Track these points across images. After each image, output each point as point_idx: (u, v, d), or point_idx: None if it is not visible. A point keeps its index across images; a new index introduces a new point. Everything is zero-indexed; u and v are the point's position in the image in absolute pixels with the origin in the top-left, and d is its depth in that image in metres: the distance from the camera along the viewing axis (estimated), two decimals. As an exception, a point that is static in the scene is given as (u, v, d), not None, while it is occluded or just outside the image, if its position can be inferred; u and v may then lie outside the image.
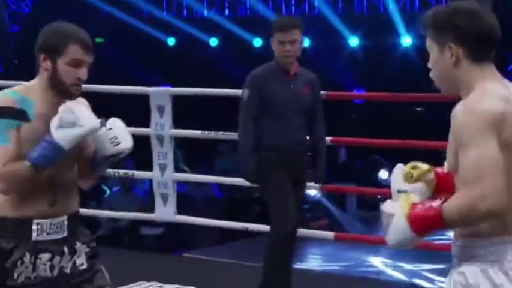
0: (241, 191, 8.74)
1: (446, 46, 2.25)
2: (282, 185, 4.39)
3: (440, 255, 7.46)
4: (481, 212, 2.08)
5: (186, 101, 6.16)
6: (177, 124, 5.64)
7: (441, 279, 7.38)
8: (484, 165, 2.10)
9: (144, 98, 5.67)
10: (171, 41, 17.43)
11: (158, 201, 5.58)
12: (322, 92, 4.79)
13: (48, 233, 2.66)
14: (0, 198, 2.64)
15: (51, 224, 2.67)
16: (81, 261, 2.74)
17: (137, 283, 4.85)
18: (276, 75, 4.46)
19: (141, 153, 5.33)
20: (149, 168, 5.79)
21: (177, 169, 6.07)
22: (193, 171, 8.14)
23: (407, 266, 7.15)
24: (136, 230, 8.15)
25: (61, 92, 2.63)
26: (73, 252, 2.72)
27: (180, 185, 7.08)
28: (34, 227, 2.64)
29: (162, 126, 5.50)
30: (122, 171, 6.07)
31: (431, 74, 2.34)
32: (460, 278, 2.22)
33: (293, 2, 16.74)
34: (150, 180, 5.90)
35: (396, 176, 2.42)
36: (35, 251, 2.65)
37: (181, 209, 5.73)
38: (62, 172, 2.68)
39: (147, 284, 4.85)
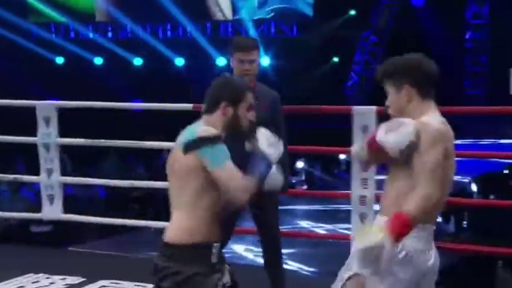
0: (121, 191, 8.61)
1: (402, 88, 2.69)
2: None
3: (292, 241, 7.67)
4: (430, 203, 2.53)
5: (75, 112, 5.99)
6: (66, 133, 5.49)
7: (293, 263, 7.56)
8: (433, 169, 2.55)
9: (33, 111, 5.50)
10: (60, 60, 17.09)
11: (45, 201, 5.42)
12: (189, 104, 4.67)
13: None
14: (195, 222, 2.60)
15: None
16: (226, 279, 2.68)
17: (26, 275, 4.65)
18: None
19: (31, 159, 5.36)
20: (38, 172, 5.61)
21: (65, 173, 5.88)
22: (82, 175, 7.94)
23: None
24: (26, 228, 7.88)
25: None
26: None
27: (69, 187, 6.86)
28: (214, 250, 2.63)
29: (48, 135, 5.34)
30: (11, 176, 5.92)
31: (390, 109, 2.75)
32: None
33: (169, 27, 16.66)
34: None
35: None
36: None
37: (68, 209, 5.56)
38: None
39: (35, 275, 4.66)
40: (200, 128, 2.64)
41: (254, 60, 4.14)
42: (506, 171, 8.93)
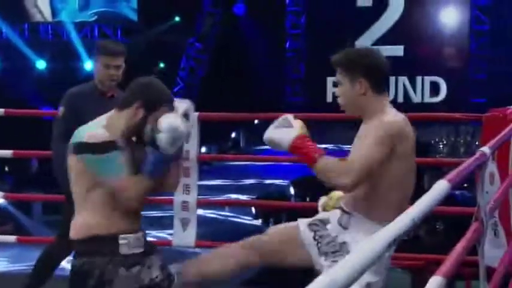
0: None
1: (356, 81, 2.61)
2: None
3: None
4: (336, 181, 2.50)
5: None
6: None
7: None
8: (364, 158, 2.48)
9: None
10: None
11: None
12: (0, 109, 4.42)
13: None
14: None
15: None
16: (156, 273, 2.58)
17: None
18: (92, 95, 4.03)
19: None
20: None
21: None
22: None
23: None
24: None
25: None
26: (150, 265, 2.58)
27: None
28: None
29: None
30: None
31: (340, 100, 2.68)
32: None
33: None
34: None
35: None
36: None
37: None
38: None
39: None
40: (89, 132, 2.53)
41: (120, 65, 4.02)
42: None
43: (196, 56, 17.38)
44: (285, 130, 2.57)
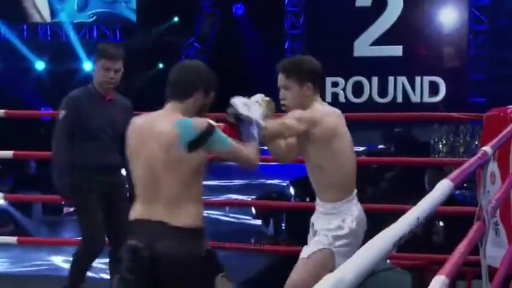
0: None
1: (304, 85, 3.18)
2: (89, 206, 4.06)
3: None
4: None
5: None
6: None
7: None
8: (284, 127, 3.08)
9: None
10: None
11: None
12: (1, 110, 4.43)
13: None
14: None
15: None
16: None
17: None
18: (92, 98, 4.06)
19: None
20: None
21: None
22: None
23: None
24: None
25: None
26: None
27: None
28: None
29: None
30: None
31: (287, 102, 3.22)
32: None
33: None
34: None
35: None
36: None
37: None
38: None
39: None
40: (191, 122, 2.73)
41: (120, 69, 4.07)
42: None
43: (195, 57, 17.36)
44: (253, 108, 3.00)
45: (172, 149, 2.69)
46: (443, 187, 1.69)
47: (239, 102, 2.89)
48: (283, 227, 7.93)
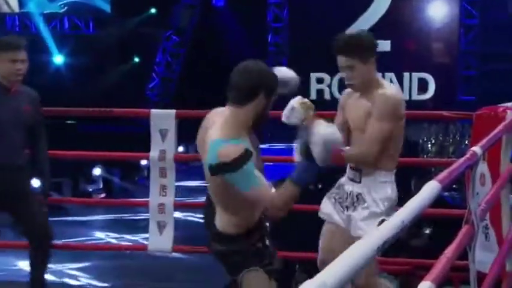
0: None
1: (368, 61, 3.26)
2: None
3: (87, 254, 7.48)
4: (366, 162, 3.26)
5: None
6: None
7: (85, 278, 7.37)
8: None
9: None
10: None
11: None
12: None
13: None
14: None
15: None
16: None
17: None
18: None
19: None
20: None
21: None
22: None
23: (54, 266, 6.99)
24: None
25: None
26: None
27: None
28: None
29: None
30: None
31: (355, 81, 3.28)
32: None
33: None
34: None
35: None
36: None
37: None
38: None
39: None
40: (222, 149, 2.61)
41: (26, 59, 4.04)
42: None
43: (173, 50, 17.34)
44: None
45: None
46: (430, 188, 1.70)
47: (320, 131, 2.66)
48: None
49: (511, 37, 15.17)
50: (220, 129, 2.68)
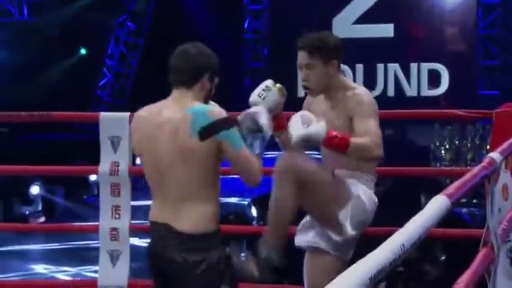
0: None
1: (329, 62, 3.54)
2: None
3: None
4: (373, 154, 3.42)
5: None
6: None
7: None
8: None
9: None
10: None
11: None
12: None
13: None
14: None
15: None
16: None
17: None
18: None
19: None
20: None
21: None
22: None
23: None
24: None
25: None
26: None
27: None
28: None
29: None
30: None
31: (311, 83, 3.58)
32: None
33: None
34: None
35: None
36: None
37: None
38: None
39: None
40: (208, 110, 3.03)
41: None
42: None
43: (129, 40, 17.32)
44: (314, 125, 3.29)
45: (181, 137, 2.99)
46: (437, 204, 1.71)
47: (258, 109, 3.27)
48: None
49: (539, 19, 15.31)
50: (183, 102, 3.06)
